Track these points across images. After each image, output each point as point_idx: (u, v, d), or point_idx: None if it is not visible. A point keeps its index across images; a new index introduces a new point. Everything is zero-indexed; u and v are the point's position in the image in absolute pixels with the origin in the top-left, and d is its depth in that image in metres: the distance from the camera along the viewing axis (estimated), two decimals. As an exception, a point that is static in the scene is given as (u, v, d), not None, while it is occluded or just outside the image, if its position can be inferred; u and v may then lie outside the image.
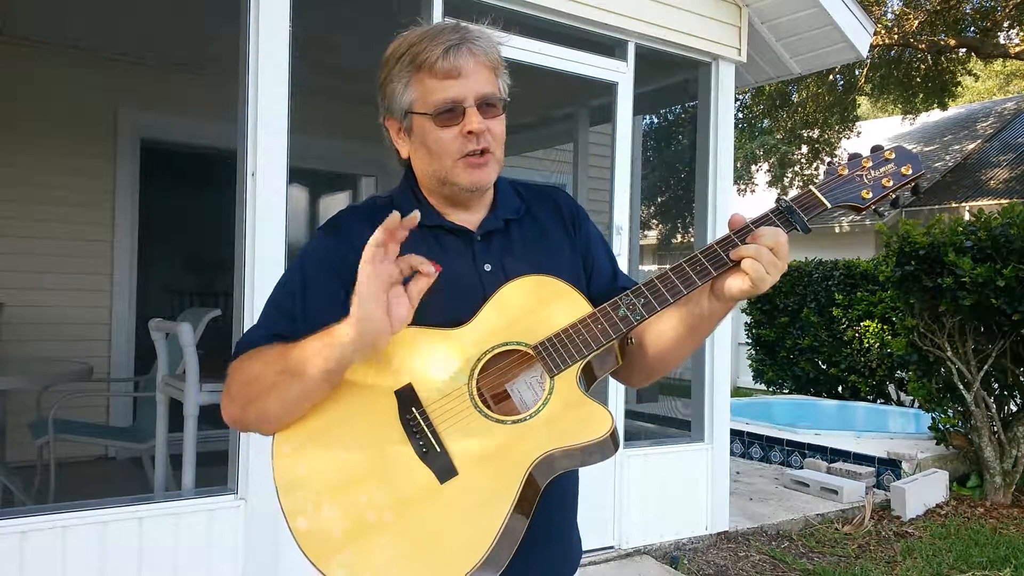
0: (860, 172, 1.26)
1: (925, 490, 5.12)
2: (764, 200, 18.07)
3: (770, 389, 9.71)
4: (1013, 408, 5.57)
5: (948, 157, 16.74)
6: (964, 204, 13.73)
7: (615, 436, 1.17)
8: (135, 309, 5.50)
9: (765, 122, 16.95)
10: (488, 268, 1.30)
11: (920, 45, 13.63)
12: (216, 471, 3.16)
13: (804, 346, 8.97)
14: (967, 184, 15.15)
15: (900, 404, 8.33)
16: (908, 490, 4.96)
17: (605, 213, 4.12)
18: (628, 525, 4.06)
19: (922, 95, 14.99)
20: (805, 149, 16.71)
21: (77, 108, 5.25)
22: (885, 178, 1.25)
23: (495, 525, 1.13)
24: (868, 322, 8.35)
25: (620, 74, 4.09)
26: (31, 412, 4.14)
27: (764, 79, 5.18)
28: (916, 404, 6.66)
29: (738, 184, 17.11)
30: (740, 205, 17.33)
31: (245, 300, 2.98)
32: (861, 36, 4.54)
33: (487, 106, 1.24)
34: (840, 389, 8.93)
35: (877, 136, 19.95)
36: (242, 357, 1.23)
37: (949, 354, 5.32)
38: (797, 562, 4.08)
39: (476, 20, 1.36)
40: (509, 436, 1.17)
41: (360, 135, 6.10)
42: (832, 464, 5.65)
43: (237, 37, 3.06)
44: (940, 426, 5.63)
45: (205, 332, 3.84)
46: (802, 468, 5.81)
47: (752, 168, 18.00)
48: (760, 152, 17.27)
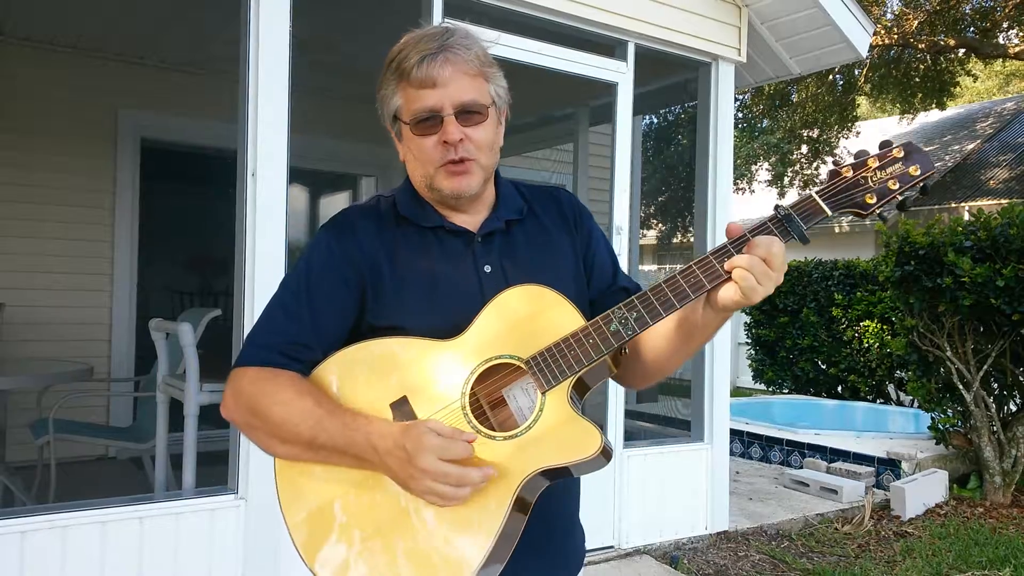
0: (865, 173, 1.20)
1: (925, 490, 5.12)
2: (764, 200, 18.08)
3: (770, 389, 9.72)
4: (1012, 408, 5.57)
5: (948, 157, 16.75)
6: (964, 204, 13.74)
7: (606, 451, 1.17)
8: (135, 309, 5.50)
9: (765, 122, 16.95)
10: (488, 269, 1.30)
11: (920, 45, 13.63)
12: (216, 471, 3.16)
13: (804, 346, 8.97)
14: (967, 184, 15.15)
15: (900, 404, 8.33)
16: (908, 490, 4.96)
17: (605, 213, 4.12)
18: (628, 525, 4.07)
19: (921, 95, 14.99)
20: (805, 149, 16.72)
21: (77, 108, 5.25)
22: (891, 180, 1.19)
23: (486, 541, 1.15)
24: (868, 322, 8.35)
25: (620, 74, 4.09)
26: (31, 412, 4.14)
27: (764, 79, 5.18)
28: (916, 404, 6.67)
29: (738, 184, 17.11)
30: (740, 205, 17.35)
31: (245, 300, 2.98)
32: (861, 36, 4.54)
33: (468, 114, 1.24)
34: (840, 389, 8.93)
35: (877, 136, 19.97)
36: (259, 375, 1.22)
37: (949, 354, 5.32)
38: (797, 562, 4.08)
39: (476, 21, 1.37)
40: (500, 452, 1.17)
41: (360, 135, 6.12)
42: (832, 464, 5.65)
43: (237, 37, 3.06)
44: (940, 426, 5.64)
45: (205, 332, 3.84)
46: (802, 468, 5.81)
47: (752, 168, 18.00)
48: (760, 152, 17.27)
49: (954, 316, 5.26)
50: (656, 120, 14.71)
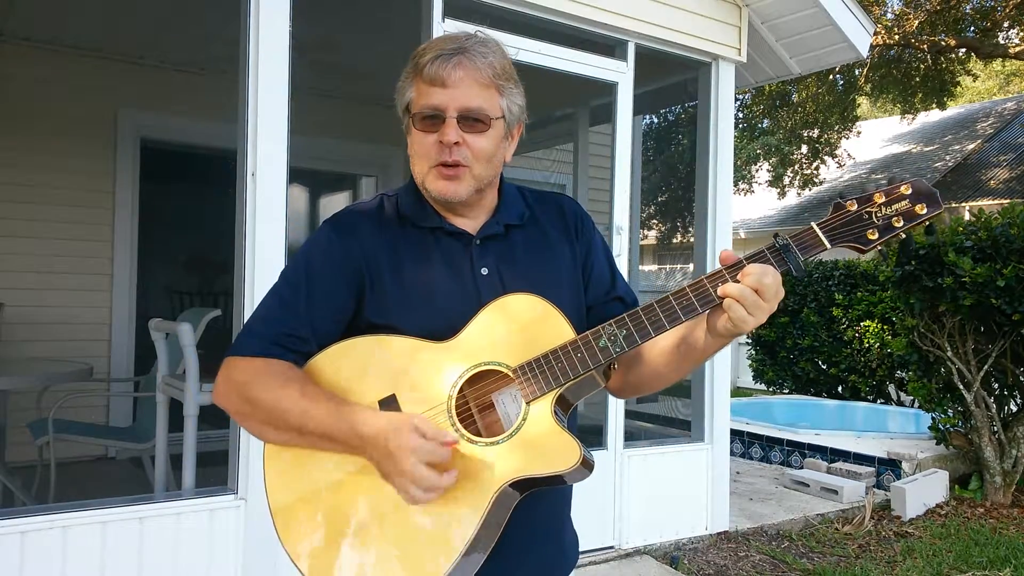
0: (870, 208, 1.17)
1: (925, 490, 5.12)
2: (764, 200, 18.07)
3: (770, 389, 9.71)
4: (1013, 408, 5.57)
5: (948, 157, 16.75)
6: (964, 204, 13.74)
7: (587, 463, 1.18)
8: (135, 309, 5.50)
9: (765, 122, 16.95)
10: (485, 272, 1.30)
11: (920, 45, 13.63)
12: (216, 471, 3.16)
13: (804, 346, 8.97)
14: (967, 184, 15.15)
15: (900, 404, 8.33)
16: (908, 490, 4.96)
17: (605, 213, 4.12)
18: (628, 525, 4.06)
19: (921, 95, 15.00)
20: (805, 149, 16.72)
21: (77, 108, 5.25)
22: (896, 217, 1.17)
23: (460, 543, 1.16)
24: (868, 322, 8.35)
25: (620, 74, 4.09)
26: (31, 412, 4.14)
27: (764, 79, 5.18)
28: (916, 404, 6.66)
29: (738, 184, 17.11)
30: (740, 205, 17.35)
31: (245, 300, 2.98)
32: (861, 36, 4.54)
33: (472, 120, 1.24)
34: (840, 389, 8.93)
35: (876, 136, 19.96)
36: (253, 364, 1.23)
37: (949, 354, 5.32)
38: (797, 562, 4.08)
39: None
40: (480, 457, 1.18)
41: (360, 135, 6.13)
42: (832, 464, 5.65)
43: (237, 37, 3.06)
44: (940, 426, 5.63)
45: (205, 332, 3.84)
46: (802, 468, 5.81)
47: (752, 168, 18.00)
48: (760, 152, 17.27)
49: (955, 316, 5.26)
50: (656, 120, 14.70)
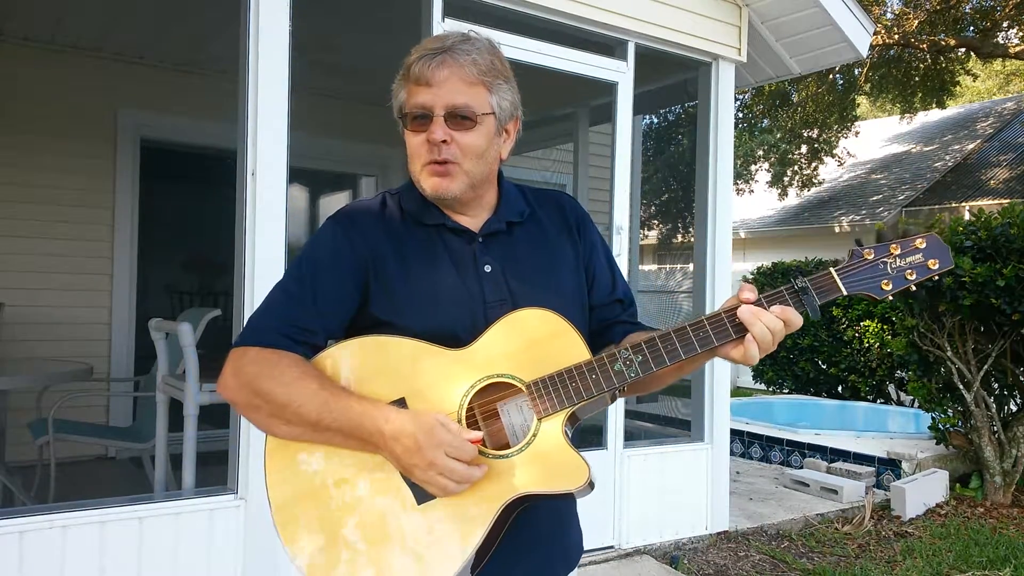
0: (886, 259, 1.23)
1: (925, 490, 5.12)
2: (764, 200, 18.06)
3: (770, 389, 9.72)
4: (1013, 408, 5.57)
5: (948, 157, 16.74)
6: (964, 204, 13.73)
7: (591, 484, 1.19)
8: (135, 309, 5.49)
9: (765, 122, 16.96)
10: (488, 269, 1.31)
11: (920, 45, 13.63)
12: (216, 471, 3.16)
13: (804, 346, 8.97)
14: (967, 184, 15.15)
15: (900, 404, 8.33)
16: (908, 490, 4.96)
17: (605, 213, 4.12)
18: (628, 525, 4.06)
19: (921, 95, 15.00)
20: (805, 149, 16.72)
21: (77, 108, 5.25)
22: (909, 270, 1.23)
23: (466, 549, 1.16)
24: (868, 322, 8.35)
25: (620, 74, 4.09)
26: (31, 412, 4.14)
27: (764, 79, 5.18)
28: (916, 404, 6.66)
29: (738, 184, 17.12)
30: (740, 205, 17.35)
31: (245, 300, 2.98)
32: (861, 36, 4.54)
33: (459, 118, 1.25)
34: (840, 389, 8.93)
35: (876, 136, 19.95)
36: (263, 355, 1.22)
37: (949, 354, 5.32)
38: (797, 562, 4.08)
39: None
40: (488, 471, 1.18)
41: (360, 135, 6.13)
42: (832, 464, 5.65)
43: (237, 37, 3.06)
44: (940, 426, 5.63)
45: (205, 332, 3.84)
46: (802, 468, 5.81)
47: (752, 168, 18.00)
48: (760, 152, 17.28)
49: (954, 316, 5.26)
50: (656, 120, 14.71)
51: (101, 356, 5.31)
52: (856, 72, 14.66)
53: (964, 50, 14.11)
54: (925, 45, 13.64)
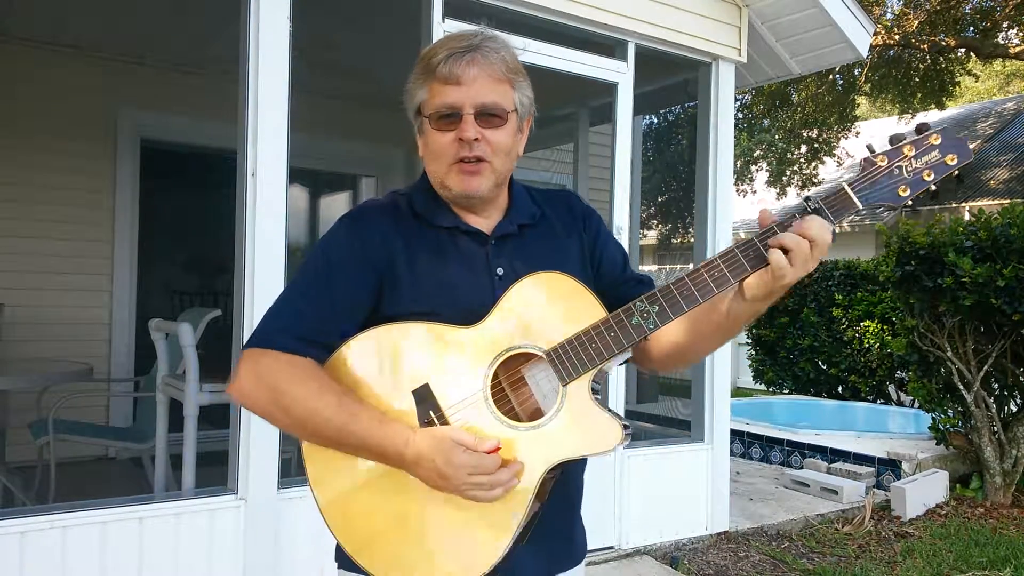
0: (900, 162, 1.15)
1: (925, 490, 5.12)
2: (764, 200, 18.07)
3: (770, 389, 9.71)
4: (1013, 408, 5.57)
5: (948, 157, 16.71)
6: (964, 204, 13.74)
7: (626, 439, 1.20)
8: (135, 309, 5.49)
9: (765, 122, 16.95)
10: (500, 272, 1.31)
11: (920, 45, 13.63)
12: (216, 471, 3.15)
13: (804, 346, 8.96)
14: (967, 184, 15.15)
15: (900, 404, 8.33)
16: (908, 490, 4.96)
17: (605, 213, 4.11)
18: (628, 525, 4.06)
19: (921, 95, 15.00)
20: (804, 149, 16.72)
21: (77, 108, 5.25)
22: (927, 170, 1.14)
23: (509, 529, 1.17)
24: (868, 322, 8.35)
25: (620, 74, 4.09)
26: (31, 412, 4.14)
27: (764, 79, 5.18)
28: (916, 404, 6.66)
29: (738, 184, 17.12)
30: (740, 205, 17.34)
31: (245, 300, 2.98)
32: (861, 36, 4.54)
33: (488, 116, 1.25)
34: (840, 389, 8.92)
35: (875, 136, 19.96)
36: (279, 363, 1.21)
37: (949, 354, 5.32)
38: (797, 562, 4.08)
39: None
40: (522, 443, 1.19)
41: (360, 135, 6.13)
42: (832, 464, 5.65)
43: (237, 37, 3.05)
44: (940, 426, 5.63)
45: (205, 332, 3.84)
46: (802, 468, 5.81)
47: (752, 168, 18.00)
48: (760, 152, 17.27)
49: (955, 316, 5.25)
50: (656, 120, 14.71)
51: (101, 356, 5.31)
52: (856, 72, 14.66)
53: (964, 50, 14.11)
54: (925, 45, 13.64)
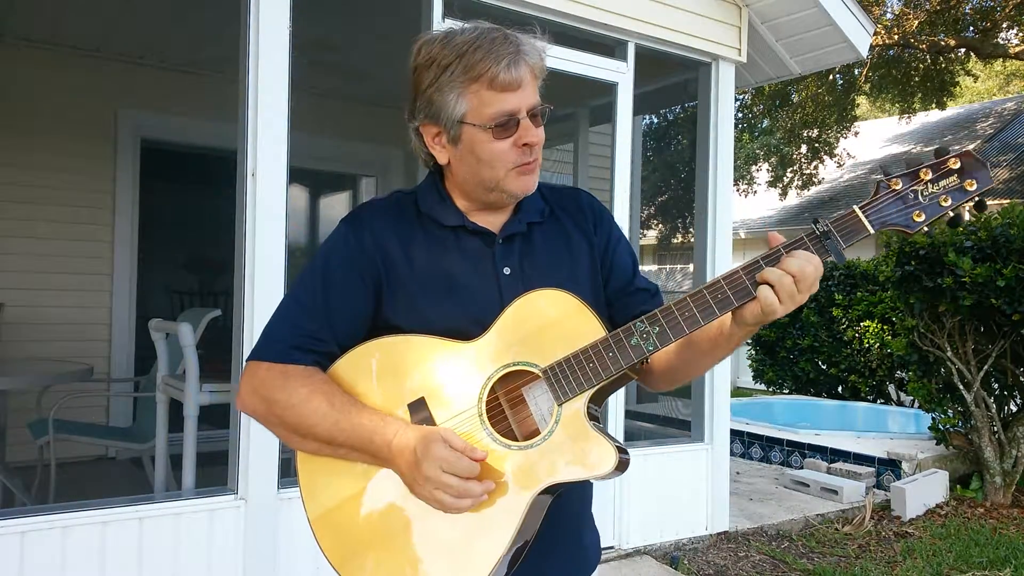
0: (916, 187, 1.09)
1: (925, 490, 5.12)
2: (764, 200, 18.07)
3: (770, 389, 9.71)
4: (1013, 408, 5.57)
5: (948, 157, 16.72)
6: (964, 204, 13.72)
7: (621, 466, 1.16)
8: (135, 309, 5.49)
9: (765, 122, 16.96)
10: (507, 272, 1.29)
11: (920, 45, 13.63)
12: (216, 471, 3.15)
13: (804, 346, 8.97)
14: (967, 184, 15.13)
15: (900, 404, 8.33)
16: (908, 490, 4.96)
17: (605, 213, 4.11)
18: (628, 525, 4.06)
19: (920, 95, 15.00)
20: (804, 149, 16.73)
21: (77, 108, 5.25)
22: (943, 196, 1.08)
23: (496, 550, 1.15)
24: (868, 322, 8.35)
25: (620, 74, 4.09)
26: (31, 412, 4.14)
27: (764, 79, 5.18)
28: (916, 404, 6.66)
29: (738, 184, 17.12)
30: (740, 205, 17.35)
31: (245, 300, 2.98)
32: (861, 36, 4.54)
33: (535, 116, 1.25)
34: (840, 389, 8.93)
35: (876, 136, 19.96)
36: (272, 373, 1.22)
37: (949, 354, 5.32)
38: (797, 562, 4.08)
39: (489, 22, 1.36)
40: (514, 462, 1.17)
41: (360, 135, 6.13)
42: (832, 464, 5.65)
43: (237, 37, 3.05)
44: (940, 426, 5.63)
45: (205, 332, 3.83)
46: (802, 468, 5.81)
47: (752, 168, 18.00)
48: (760, 152, 17.28)
49: (954, 316, 5.26)
50: (656, 120, 14.71)
51: (101, 356, 5.31)
52: (856, 72, 14.66)
53: (964, 50, 14.11)
54: (925, 45, 13.64)
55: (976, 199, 1.09)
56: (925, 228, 1.10)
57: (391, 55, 4.79)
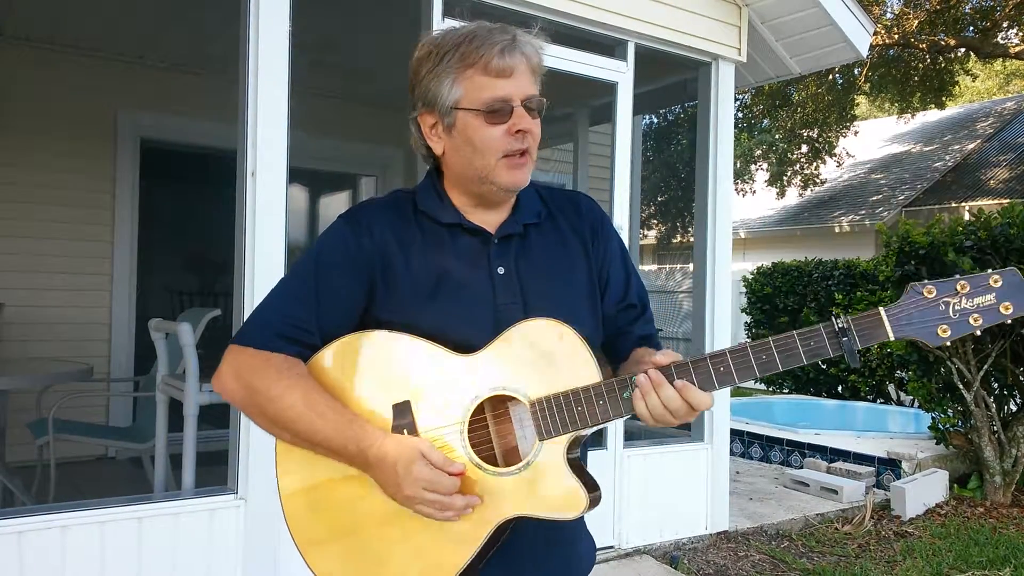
0: (948, 299, 1.03)
1: (925, 490, 5.12)
2: (764, 200, 18.06)
3: (770, 389, 9.71)
4: (1013, 408, 5.57)
5: (948, 157, 16.75)
6: (964, 204, 13.74)
7: (591, 506, 1.17)
8: (135, 309, 5.49)
9: (765, 122, 16.96)
10: (501, 271, 1.29)
11: (920, 45, 13.63)
12: (216, 471, 3.15)
13: (804, 346, 8.95)
14: (967, 184, 15.16)
15: (900, 404, 8.33)
16: (908, 490, 4.96)
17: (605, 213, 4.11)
18: (628, 525, 4.06)
19: (920, 95, 15.01)
20: (805, 149, 16.74)
21: (77, 108, 5.25)
22: (976, 314, 1.02)
23: (455, 567, 1.17)
24: (868, 322, 8.33)
25: (620, 74, 4.09)
26: (31, 412, 4.14)
27: (764, 79, 5.18)
28: (916, 404, 6.66)
29: (738, 184, 17.12)
30: (740, 205, 17.35)
31: (245, 300, 2.98)
32: (861, 36, 4.54)
33: (531, 108, 1.25)
34: (840, 389, 8.93)
35: (876, 135, 19.95)
36: (255, 360, 1.22)
37: (949, 354, 5.32)
38: (797, 562, 4.08)
39: (489, 21, 1.36)
40: (486, 487, 1.17)
41: (360, 135, 6.13)
42: (832, 464, 5.65)
43: (237, 37, 3.05)
44: (940, 426, 5.63)
45: (205, 332, 3.84)
46: (802, 468, 5.81)
47: (752, 168, 18.00)
48: (760, 152, 17.28)
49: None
50: (656, 120, 14.72)
51: (101, 356, 5.31)
52: (856, 72, 14.66)
53: (964, 50, 14.12)
54: (925, 45, 13.64)
55: (1009, 322, 1.04)
56: (948, 343, 1.05)
57: (391, 55, 4.79)
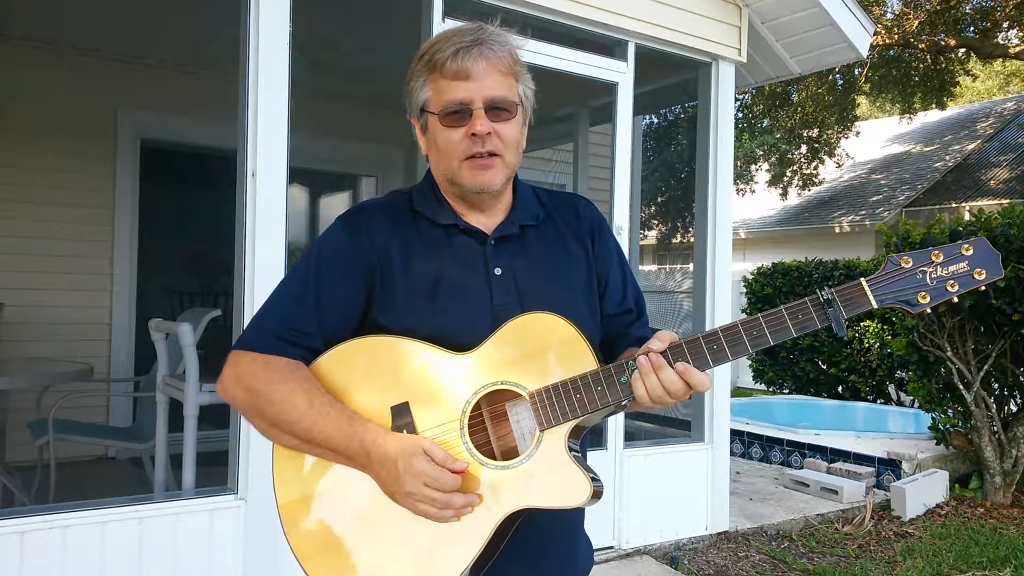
0: (925, 267, 1.11)
1: (925, 490, 5.12)
2: (764, 200, 18.07)
3: (770, 389, 9.71)
4: (1013, 408, 5.57)
5: (948, 157, 16.75)
6: (964, 204, 13.74)
7: (596, 495, 1.16)
8: (135, 309, 5.49)
9: (765, 122, 16.96)
10: (498, 272, 1.29)
11: (920, 45, 13.63)
12: (216, 471, 3.15)
13: (804, 346, 8.96)
14: (967, 184, 15.15)
15: (900, 404, 8.33)
16: (908, 490, 4.96)
17: (605, 213, 4.09)
18: (628, 525, 4.06)
19: (920, 95, 15.01)
20: (804, 149, 16.74)
21: (77, 108, 5.25)
22: (951, 280, 1.10)
23: (463, 564, 1.16)
24: (868, 322, 8.35)
25: (620, 74, 4.09)
26: (31, 412, 4.14)
27: (764, 79, 5.18)
28: (916, 404, 6.66)
29: (738, 184, 17.12)
30: (740, 205, 17.35)
31: (245, 300, 2.98)
32: (861, 36, 4.54)
33: (498, 110, 1.24)
34: (840, 389, 8.92)
35: (876, 136, 19.95)
36: (255, 364, 1.23)
37: (949, 354, 5.32)
38: (797, 562, 4.08)
39: (488, 21, 1.36)
40: (489, 481, 1.17)
41: (360, 135, 6.13)
42: (832, 464, 5.64)
43: (237, 37, 3.05)
44: (940, 426, 5.63)
45: (205, 332, 3.84)
46: (802, 468, 5.81)
47: (752, 168, 18.00)
48: (760, 152, 17.28)
49: (954, 316, 5.25)
50: (656, 120, 14.71)
51: (101, 356, 5.31)
52: (856, 72, 14.66)
53: (964, 50, 14.12)
54: (925, 45, 13.64)
55: (983, 288, 1.09)
56: (928, 311, 1.11)
57: (391, 55, 4.79)
